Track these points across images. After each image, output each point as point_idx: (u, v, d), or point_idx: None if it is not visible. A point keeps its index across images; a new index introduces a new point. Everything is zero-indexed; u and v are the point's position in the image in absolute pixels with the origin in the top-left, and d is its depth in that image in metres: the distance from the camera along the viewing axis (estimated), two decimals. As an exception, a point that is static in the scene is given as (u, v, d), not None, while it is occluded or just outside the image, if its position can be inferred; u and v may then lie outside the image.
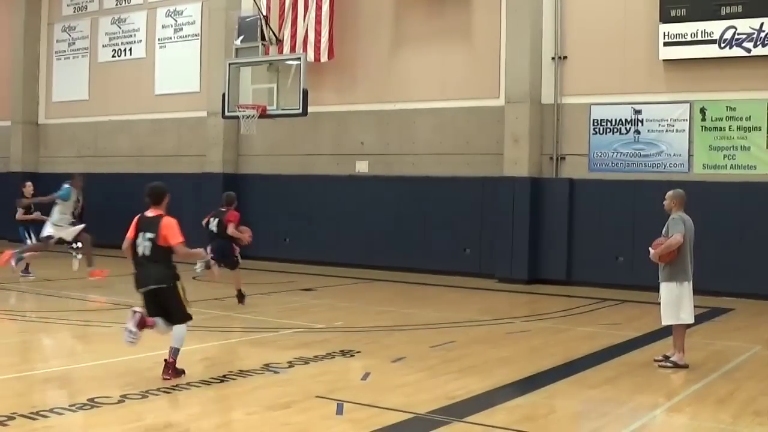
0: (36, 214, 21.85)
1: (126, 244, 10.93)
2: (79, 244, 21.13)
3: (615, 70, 21.28)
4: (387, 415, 8.98)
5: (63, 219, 20.65)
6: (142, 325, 10.74)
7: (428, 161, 23.80)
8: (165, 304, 10.78)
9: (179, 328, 10.77)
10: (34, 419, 8.48)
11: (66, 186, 20.81)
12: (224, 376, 10.64)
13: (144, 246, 10.72)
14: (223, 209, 17.23)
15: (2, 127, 33.77)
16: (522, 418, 9.08)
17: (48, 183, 30.77)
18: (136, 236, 10.80)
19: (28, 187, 22.59)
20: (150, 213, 10.87)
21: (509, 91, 22.17)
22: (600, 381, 11.00)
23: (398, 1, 24.33)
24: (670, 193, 12.07)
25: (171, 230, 10.59)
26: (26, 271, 20.88)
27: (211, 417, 9.13)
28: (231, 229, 16.71)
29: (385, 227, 24.13)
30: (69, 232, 20.74)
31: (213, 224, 17.07)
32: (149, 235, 10.66)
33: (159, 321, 10.83)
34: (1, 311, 15.71)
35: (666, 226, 11.81)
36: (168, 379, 10.34)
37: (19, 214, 21.92)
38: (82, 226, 20.92)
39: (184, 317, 10.81)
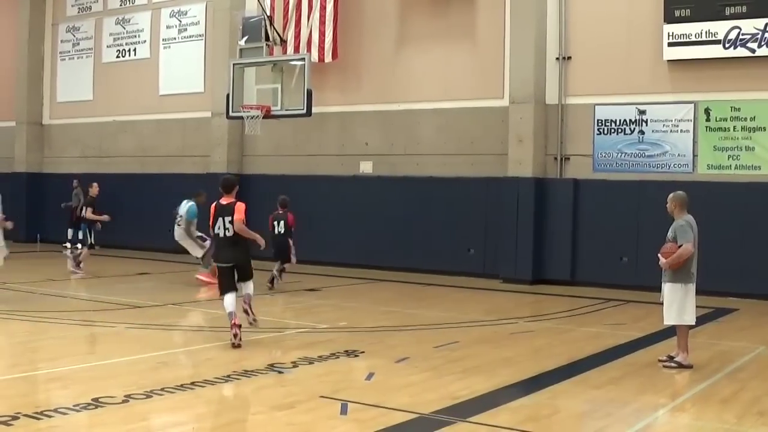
0: (104, 216, 22.02)
1: (211, 230, 13.50)
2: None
3: (619, 71, 21.27)
4: (391, 415, 8.98)
5: None
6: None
7: (432, 162, 23.80)
8: (239, 274, 13.24)
9: (250, 284, 13.51)
10: (38, 419, 8.50)
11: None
12: (229, 375, 10.66)
13: (224, 228, 13.06)
14: (281, 212, 20.03)
15: (7, 127, 33.81)
16: (526, 418, 9.08)
17: (52, 183, 30.96)
18: (215, 220, 13.17)
19: (95, 188, 22.57)
20: (224, 201, 13.22)
21: (513, 92, 22.17)
22: (604, 381, 11.00)
23: (402, 1, 24.34)
24: (671, 195, 12.08)
25: (239, 211, 13.01)
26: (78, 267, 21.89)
27: (215, 417, 9.14)
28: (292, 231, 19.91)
29: (389, 228, 24.14)
30: None
31: (280, 226, 19.90)
32: (228, 218, 13.00)
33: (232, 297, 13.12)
34: (5, 311, 15.71)
35: (672, 230, 11.80)
36: (254, 322, 13.61)
37: (88, 213, 21.96)
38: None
39: (250, 275, 13.45)
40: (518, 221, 21.88)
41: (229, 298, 13.00)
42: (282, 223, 19.93)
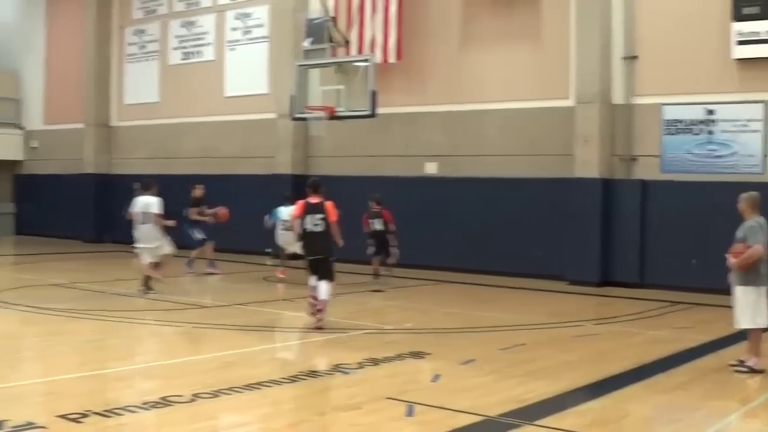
0: (208, 217, 22.38)
1: (295, 221, 15.05)
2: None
3: (687, 70, 21.01)
4: (457, 418, 8.95)
5: None
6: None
7: (497, 162, 23.70)
8: (323, 268, 14.60)
9: (327, 284, 14.55)
10: (107, 417, 8.59)
11: None
12: (294, 376, 10.68)
13: (315, 224, 14.58)
14: (376, 209, 21.28)
15: (76, 129, 34.23)
16: (593, 422, 9.01)
17: (119, 184, 31.30)
18: (303, 216, 14.67)
19: (198, 190, 22.82)
20: (313, 200, 14.76)
21: (579, 92, 22.02)
22: (672, 386, 10.87)
23: (466, 2, 24.27)
24: (743, 195, 11.92)
25: (332, 211, 14.68)
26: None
27: (281, 417, 9.16)
28: (393, 226, 21.06)
29: (454, 229, 24.07)
30: None
31: (377, 224, 21.24)
32: (319, 216, 14.57)
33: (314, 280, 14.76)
34: (75, 310, 15.89)
35: (742, 231, 11.64)
36: (321, 320, 14.28)
37: (191, 214, 22.25)
38: None
39: (331, 276, 14.67)
40: (585, 222, 21.72)
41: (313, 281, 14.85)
42: (379, 220, 21.24)
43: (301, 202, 14.99)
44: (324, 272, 14.58)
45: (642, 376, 11.35)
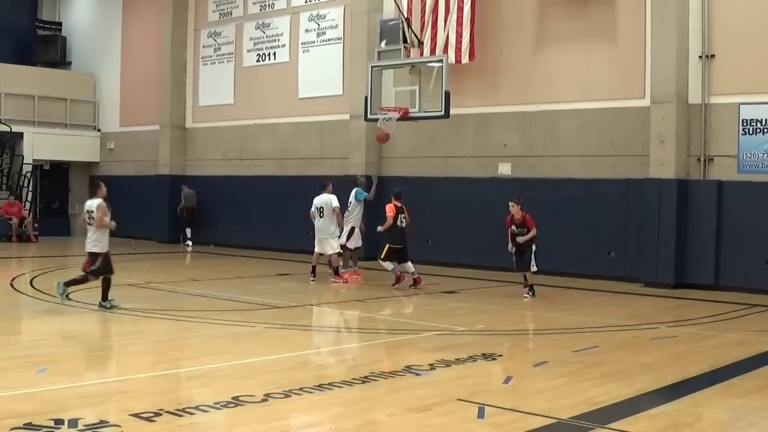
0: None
1: (391, 221, 20.08)
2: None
3: (765, 69, 20.67)
4: (529, 420, 8.88)
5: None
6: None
7: (572, 163, 23.55)
8: (402, 255, 20.21)
9: (410, 264, 20.30)
10: (180, 416, 8.64)
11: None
12: (366, 377, 10.67)
13: (401, 222, 20.21)
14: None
15: (152, 131, 34.64)
16: (666, 425, 8.89)
17: (194, 185, 31.59)
18: (396, 216, 20.08)
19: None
20: (398, 203, 20.35)
21: (655, 91, 21.78)
22: (748, 389, 10.70)
23: (540, 1, 24.13)
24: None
25: (407, 212, 20.34)
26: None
27: (352, 418, 9.16)
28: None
29: (527, 230, 23.95)
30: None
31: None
32: (403, 216, 20.21)
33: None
34: (149, 310, 16.05)
35: None
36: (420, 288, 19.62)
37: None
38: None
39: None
40: (660, 224, 21.49)
41: (392, 264, 20.18)
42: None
43: (392, 206, 20.29)
44: (404, 257, 20.19)
45: (717, 380, 11.21)
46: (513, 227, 19.15)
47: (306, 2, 30.00)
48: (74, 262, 26.81)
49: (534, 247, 19.05)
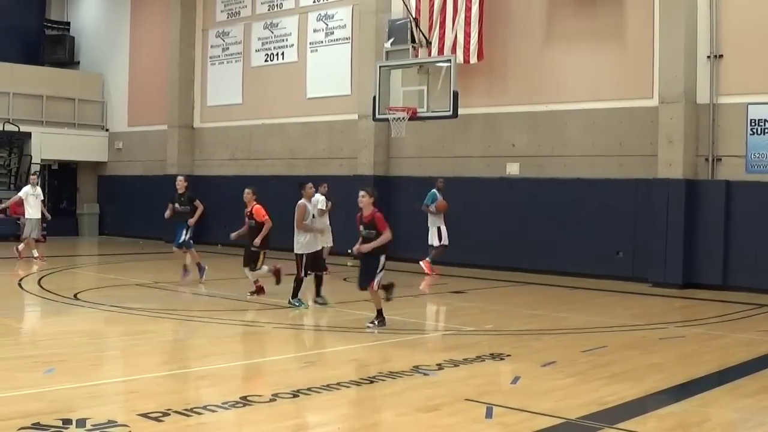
0: None
1: None
2: None
3: (773, 69, 20.70)
4: (537, 420, 8.88)
5: None
6: None
7: (580, 163, 23.53)
8: None
9: None
10: (188, 416, 8.65)
11: None
12: (374, 377, 10.69)
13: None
14: None
15: (160, 131, 34.66)
16: (674, 425, 8.88)
17: (202, 185, 31.60)
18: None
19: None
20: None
21: (663, 91, 21.75)
22: (757, 389, 10.68)
23: (549, 1, 24.11)
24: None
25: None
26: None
27: (360, 418, 9.17)
28: None
29: (535, 229, 23.95)
30: None
31: None
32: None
33: None
34: (157, 310, 16.07)
35: None
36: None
37: None
38: None
39: None
40: (668, 224, 21.45)
41: None
42: None
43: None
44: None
45: (726, 380, 11.21)
46: (360, 227, 14.73)
47: (314, 2, 30.01)
48: (82, 262, 26.95)
49: (382, 261, 14.56)
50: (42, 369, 10.72)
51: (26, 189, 25.45)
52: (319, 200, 21.48)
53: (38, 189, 25.68)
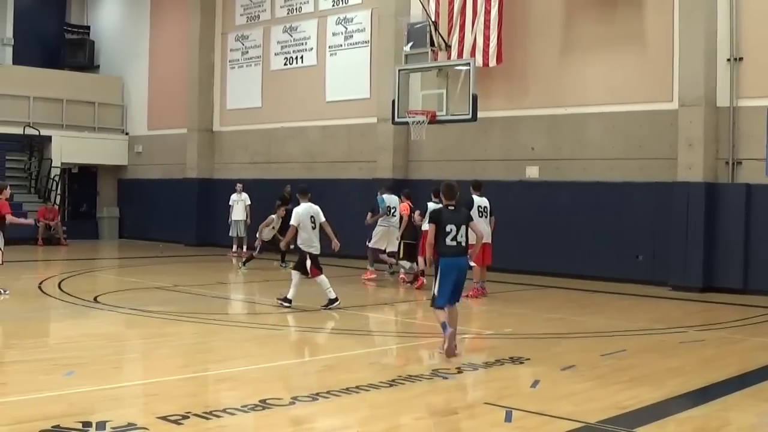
0: None
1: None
2: None
3: (794, 72, 20.62)
4: (556, 424, 8.87)
5: None
6: None
7: (600, 166, 23.47)
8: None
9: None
10: (207, 419, 8.67)
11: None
12: (393, 380, 10.67)
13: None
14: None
15: (179, 134, 34.74)
16: (694, 430, 8.86)
17: (222, 189, 31.69)
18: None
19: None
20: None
21: (683, 95, 21.69)
22: (778, 393, 10.66)
23: (568, 4, 24.07)
24: None
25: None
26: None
27: (379, 421, 9.16)
28: None
29: (555, 233, 23.91)
30: None
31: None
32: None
33: None
34: (176, 313, 16.11)
35: None
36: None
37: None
38: None
39: None
40: (688, 227, 21.38)
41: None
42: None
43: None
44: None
45: (746, 384, 11.16)
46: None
47: (333, 6, 30.03)
48: (102, 265, 27.04)
49: None
50: (62, 372, 10.76)
51: (233, 196, 29.40)
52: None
53: (243, 195, 29.42)
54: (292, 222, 16.84)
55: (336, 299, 16.87)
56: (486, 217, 19.56)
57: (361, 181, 27.59)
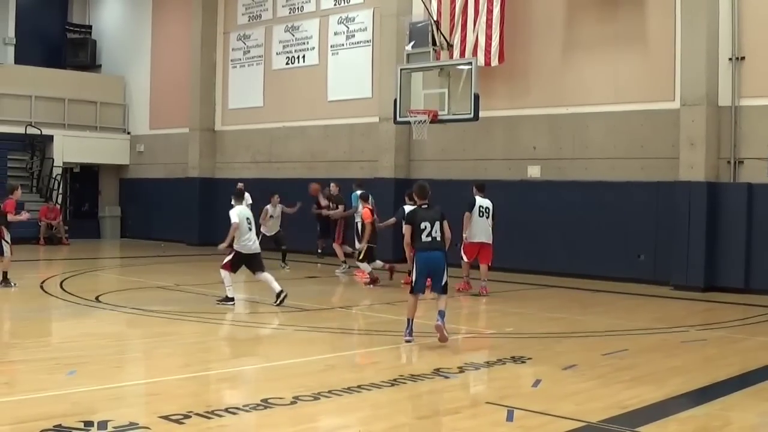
0: None
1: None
2: None
3: (796, 71, 20.61)
4: (558, 423, 8.87)
5: None
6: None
7: (601, 166, 23.47)
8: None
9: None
10: (209, 418, 8.68)
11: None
12: (395, 379, 10.67)
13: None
14: None
15: (181, 134, 34.75)
16: (696, 429, 8.86)
17: (223, 188, 31.69)
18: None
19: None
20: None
21: (685, 94, 21.67)
22: (779, 393, 10.66)
23: (570, 4, 24.07)
24: None
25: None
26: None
27: (381, 420, 9.15)
28: None
29: (556, 232, 23.91)
30: None
31: None
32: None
33: None
34: (178, 312, 16.11)
35: None
36: None
37: None
38: None
39: None
40: (690, 226, 21.37)
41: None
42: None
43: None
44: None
45: (748, 383, 11.16)
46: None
47: (335, 5, 30.02)
48: (103, 265, 27.04)
49: None
50: (64, 371, 10.77)
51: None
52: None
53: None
54: (235, 220, 17.10)
55: (232, 299, 16.98)
56: (487, 217, 19.69)
57: (362, 180, 27.57)
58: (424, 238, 13.29)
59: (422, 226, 13.30)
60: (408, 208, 17.88)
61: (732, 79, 21.30)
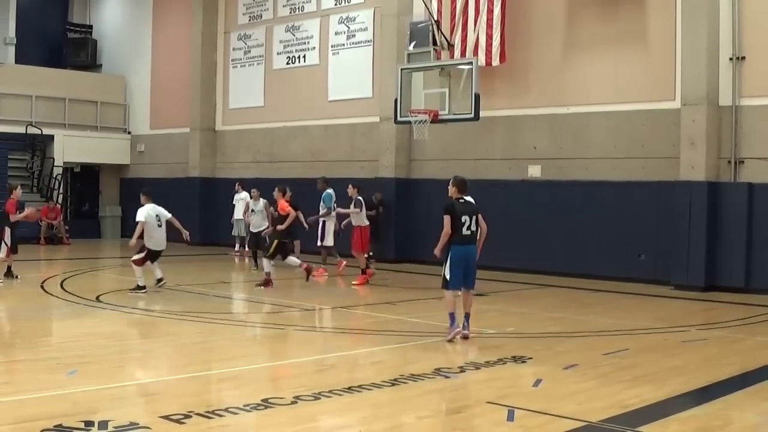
0: None
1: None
2: None
3: (796, 71, 20.60)
4: (559, 423, 8.87)
5: None
6: None
7: (602, 165, 23.46)
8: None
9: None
10: (209, 418, 8.67)
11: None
12: (395, 379, 10.67)
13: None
14: None
15: (182, 133, 34.75)
16: (696, 429, 8.86)
17: (224, 188, 31.70)
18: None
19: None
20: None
21: (685, 94, 21.67)
22: (779, 392, 10.66)
23: (570, 3, 24.07)
24: None
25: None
26: None
27: (382, 420, 9.15)
28: None
29: (557, 232, 23.91)
30: None
31: None
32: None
33: None
34: (179, 312, 16.11)
35: None
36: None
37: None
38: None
39: None
40: (690, 226, 21.36)
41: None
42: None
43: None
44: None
45: (748, 383, 11.16)
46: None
47: (336, 5, 30.03)
48: (104, 264, 27.03)
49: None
50: (65, 371, 10.76)
51: (235, 196, 29.58)
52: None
53: (243, 193, 28.52)
54: (141, 219, 18.69)
55: (144, 287, 18.56)
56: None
57: (363, 180, 27.54)
58: (464, 231, 13.61)
59: (462, 219, 13.60)
60: (360, 200, 21.11)
61: (732, 79, 21.30)
